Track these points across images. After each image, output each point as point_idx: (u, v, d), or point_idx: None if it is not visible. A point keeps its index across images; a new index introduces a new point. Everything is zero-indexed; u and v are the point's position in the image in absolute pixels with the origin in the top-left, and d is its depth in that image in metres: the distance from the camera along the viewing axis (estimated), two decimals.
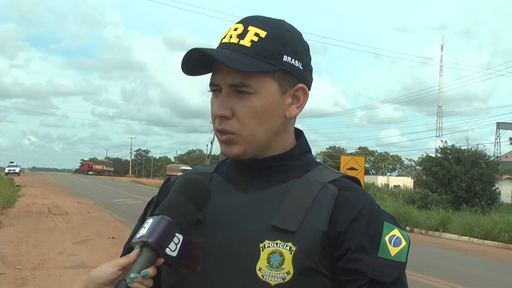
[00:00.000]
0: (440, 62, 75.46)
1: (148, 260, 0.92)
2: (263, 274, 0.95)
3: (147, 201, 1.20)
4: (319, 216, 0.98)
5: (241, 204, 1.03)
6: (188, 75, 1.05)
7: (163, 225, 0.93)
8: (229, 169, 1.10)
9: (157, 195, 1.16)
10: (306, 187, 1.02)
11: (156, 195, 1.17)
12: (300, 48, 1.05)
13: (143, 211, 1.17)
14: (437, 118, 74.58)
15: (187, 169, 1.17)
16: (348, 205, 1.00)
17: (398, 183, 46.98)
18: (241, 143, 1.02)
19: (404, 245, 1.00)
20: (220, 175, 1.11)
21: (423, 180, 26.80)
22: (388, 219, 1.03)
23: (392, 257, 0.98)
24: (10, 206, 17.43)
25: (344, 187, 1.03)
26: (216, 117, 1.02)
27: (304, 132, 1.13)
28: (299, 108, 1.06)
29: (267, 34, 1.01)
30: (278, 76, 1.01)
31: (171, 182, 1.16)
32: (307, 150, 1.11)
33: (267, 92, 1.00)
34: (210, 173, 1.11)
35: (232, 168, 1.09)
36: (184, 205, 0.96)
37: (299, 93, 1.05)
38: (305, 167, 1.07)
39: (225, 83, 1.00)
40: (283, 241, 0.96)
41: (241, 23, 1.03)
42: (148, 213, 1.14)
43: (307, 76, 1.07)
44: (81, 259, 8.51)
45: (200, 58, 1.01)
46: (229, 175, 1.09)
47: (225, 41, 1.02)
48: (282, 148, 1.07)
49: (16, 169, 63.80)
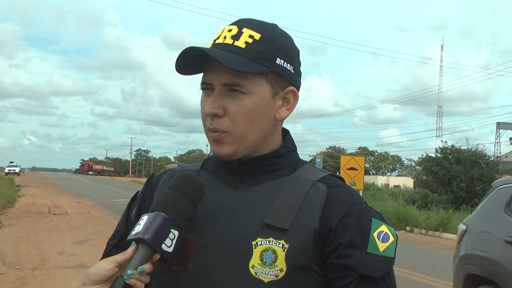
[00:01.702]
0: (440, 62, 75.48)
1: (145, 257, 0.93)
2: (256, 271, 0.96)
3: (130, 198, 1.20)
4: (310, 213, 1.00)
5: (232, 201, 1.04)
6: (181, 73, 1.06)
7: (158, 221, 0.94)
8: (215, 166, 1.11)
9: (141, 192, 1.17)
10: (296, 185, 1.04)
11: (140, 191, 1.18)
12: (292, 52, 1.07)
13: (127, 208, 1.18)
14: (437, 118, 74.60)
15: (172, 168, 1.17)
16: (338, 202, 1.02)
17: (398, 183, 47.02)
18: (231, 143, 1.03)
19: (392, 240, 1.02)
20: (207, 172, 1.11)
21: (423, 180, 26.82)
22: (376, 215, 1.05)
23: (381, 252, 1.00)
24: (10, 206, 17.43)
25: (332, 184, 1.05)
26: (208, 116, 1.03)
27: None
28: (289, 111, 1.08)
29: (261, 36, 1.02)
30: (271, 78, 1.03)
31: (155, 178, 1.17)
32: (294, 149, 1.13)
33: (260, 93, 1.02)
34: (197, 170, 1.12)
35: (218, 166, 1.10)
36: (179, 202, 0.97)
37: (290, 95, 1.07)
38: (292, 166, 1.09)
39: (218, 82, 1.01)
40: (276, 239, 0.97)
41: (235, 24, 1.05)
42: (132, 209, 1.15)
43: (298, 80, 1.09)
44: (81, 259, 8.51)
45: (194, 57, 1.02)
46: (216, 172, 1.10)
47: (219, 41, 1.04)
48: (270, 149, 1.08)
49: (16, 169, 63.79)
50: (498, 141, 57.71)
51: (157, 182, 1.14)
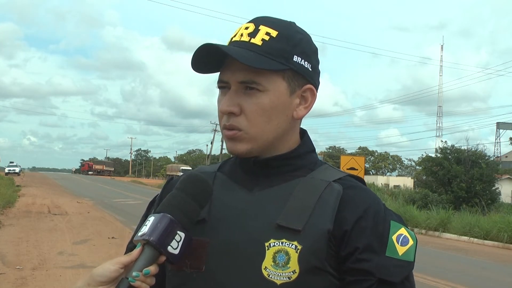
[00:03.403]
0: (440, 62, 75.54)
1: (150, 258, 0.92)
2: (269, 273, 0.95)
3: (147, 201, 1.20)
4: (324, 214, 0.98)
5: (246, 202, 1.02)
6: (197, 72, 1.04)
7: (164, 223, 0.93)
8: (233, 167, 1.10)
9: (159, 194, 1.16)
10: (311, 185, 1.02)
11: (158, 194, 1.17)
12: (309, 50, 1.05)
13: (145, 211, 1.17)
14: (437, 118, 74.69)
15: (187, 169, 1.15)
16: (353, 204, 0.99)
17: (398, 183, 46.96)
18: (247, 141, 1.01)
19: (411, 244, 1.00)
20: (224, 173, 1.10)
21: (423, 180, 26.78)
22: (395, 217, 1.02)
23: (400, 256, 0.98)
24: (10, 206, 17.42)
25: (349, 185, 1.02)
26: (224, 114, 1.02)
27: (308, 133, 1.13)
28: (307, 109, 1.06)
29: (278, 33, 1.01)
30: (288, 75, 1.02)
31: (174, 181, 1.16)
32: (312, 149, 1.11)
33: (276, 90, 1.01)
34: (214, 172, 1.11)
35: (236, 167, 1.09)
36: (185, 203, 0.96)
37: (307, 94, 1.05)
38: (309, 166, 1.06)
39: (234, 79, 1.00)
40: (289, 240, 0.95)
41: (252, 22, 1.04)
42: (150, 212, 1.13)
43: (316, 78, 1.07)
44: (81, 259, 8.49)
45: (210, 55, 1.00)
46: (233, 174, 1.08)
47: (236, 39, 1.02)
48: (287, 148, 1.06)
49: (16, 169, 63.64)
50: (498, 141, 57.78)
51: (174, 184, 1.12)
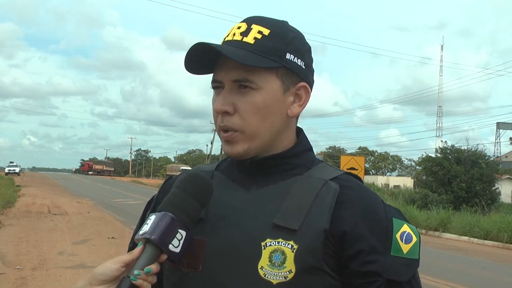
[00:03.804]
0: (440, 62, 75.52)
1: (151, 257, 0.92)
2: (265, 272, 0.95)
3: (147, 201, 1.20)
4: (321, 214, 0.97)
5: (243, 201, 1.02)
6: (191, 72, 1.04)
7: (165, 221, 0.93)
8: (230, 166, 1.10)
9: (157, 194, 1.16)
10: (307, 184, 1.01)
11: (156, 194, 1.17)
12: (302, 48, 1.05)
13: (143, 211, 1.17)
14: (437, 118, 74.69)
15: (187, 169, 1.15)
16: (352, 203, 0.99)
17: (398, 183, 46.96)
18: (243, 141, 1.01)
19: (415, 241, 1.00)
20: (221, 172, 1.10)
21: (423, 180, 26.79)
22: (396, 214, 1.02)
23: (405, 254, 0.98)
24: (10, 206, 17.42)
25: (346, 184, 1.02)
26: (218, 113, 1.02)
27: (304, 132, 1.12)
28: (301, 107, 1.06)
29: (270, 32, 1.01)
30: (281, 73, 1.02)
31: (171, 181, 1.16)
32: (308, 148, 1.10)
33: (270, 88, 1.00)
34: (211, 171, 1.11)
35: (233, 166, 1.09)
36: (186, 201, 0.96)
37: (301, 91, 1.05)
38: (306, 165, 1.06)
39: (228, 78, 1.00)
40: (285, 240, 0.95)
41: (245, 22, 1.04)
42: (148, 212, 1.13)
43: (309, 76, 1.07)
44: (81, 259, 8.49)
45: (203, 55, 1.00)
46: (230, 173, 1.08)
47: (229, 39, 1.03)
48: (283, 147, 1.06)
49: (16, 169, 63.63)
50: (498, 141, 57.77)
51: (172, 184, 1.12)
